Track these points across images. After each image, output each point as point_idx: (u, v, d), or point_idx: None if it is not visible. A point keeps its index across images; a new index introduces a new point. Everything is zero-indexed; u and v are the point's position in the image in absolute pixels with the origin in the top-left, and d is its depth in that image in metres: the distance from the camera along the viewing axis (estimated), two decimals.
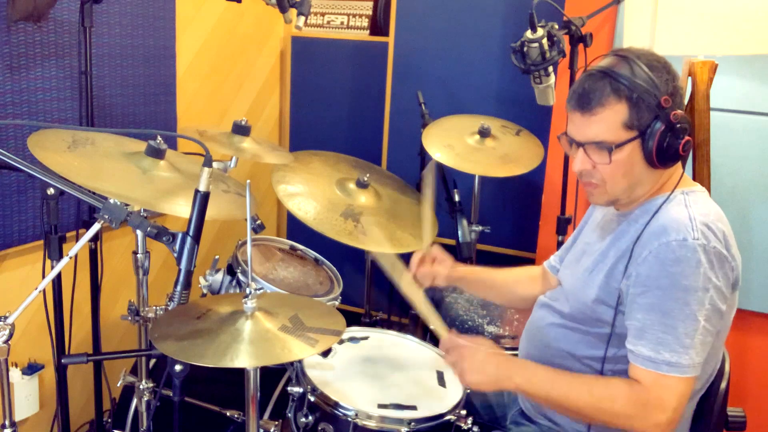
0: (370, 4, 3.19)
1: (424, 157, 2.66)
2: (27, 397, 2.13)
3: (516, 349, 1.69)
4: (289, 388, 1.61)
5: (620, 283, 1.38)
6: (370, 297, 2.58)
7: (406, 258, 1.84)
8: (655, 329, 1.31)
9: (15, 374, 2.08)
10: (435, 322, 1.60)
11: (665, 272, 1.30)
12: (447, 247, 2.52)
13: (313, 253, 2.34)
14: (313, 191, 2.19)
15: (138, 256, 1.74)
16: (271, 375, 1.98)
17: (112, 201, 1.25)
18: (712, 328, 1.32)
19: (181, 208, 1.42)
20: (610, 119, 1.34)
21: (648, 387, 1.31)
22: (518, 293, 1.81)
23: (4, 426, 1.35)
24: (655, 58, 1.36)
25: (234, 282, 2.00)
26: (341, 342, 1.81)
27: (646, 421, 1.30)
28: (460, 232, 2.31)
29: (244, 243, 2.08)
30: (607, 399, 1.34)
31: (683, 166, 1.44)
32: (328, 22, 3.24)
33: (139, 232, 1.71)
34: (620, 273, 1.38)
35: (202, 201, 1.27)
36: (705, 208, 1.37)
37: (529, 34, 1.99)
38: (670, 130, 1.33)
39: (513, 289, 1.82)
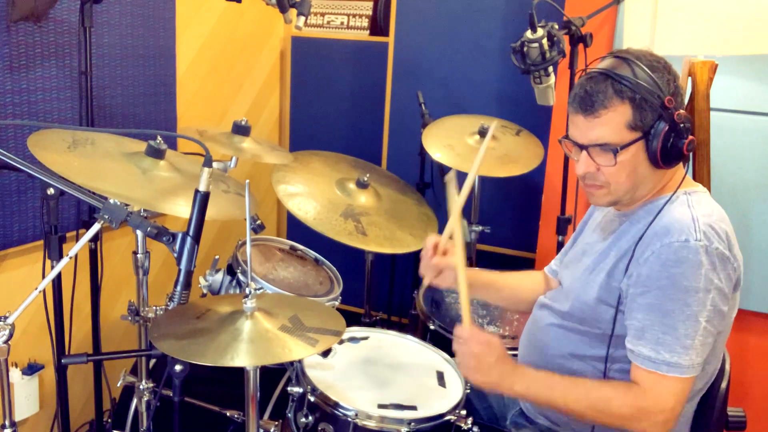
0: (370, 4, 3.19)
1: (424, 157, 2.66)
2: (27, 397, 2.13)
3: (516, 349, 1.69)
4: (289, 388, 1.61)
5: (621, 282, 1.38)
6: (370, 297, 2.58)
7: (405, 258, 1.84)
8: (655, 329, 1.31)
9: (15, 374, 2.08)
10: (466, 307, 1.48)
11: (666, 273, 1.30)
12: None
13: (313, 253, 2.34)
14: (313, 191, 2.19)
15: (138, 256, 1.74)
16: (271, 375, 1.98)
17: (112, 201, 1.25)
18: (713, 329, 1.33)
19: (181, 208, 1.42)
20: (614, 121, 1.33)
21: (646, 387, 1.32)
22: (523, 298, 1.80)
23: (4, 426, 1.35)
24: (656, 59, 1.36)
25: (234, 282, 2.00)
26: (341, 342, 1.81)
27: (643, 421, 1.32)
28: None
29: (244, 243, 2.08)
30: (603, 401, 1.35)
31: (685, 166, 1.44)
32: (328, 22, 3.24)
33: (139, 232, 1.71)
34: (621, 272, 1.38)
35: (202, 201, 1.27)
36: (708, 208, 1.37)
37: (529, 34, 1.99)
38: (674, 130, 1.32)
39: (518, 294, 1.81)
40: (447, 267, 1.62)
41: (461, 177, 1.58)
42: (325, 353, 1.73)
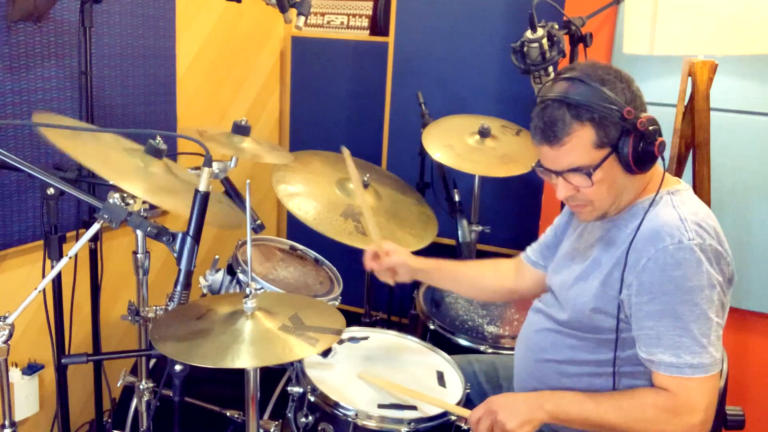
0: (370, 4, 3.19)
1: (424, 157, 2.66)
2: (27, 397, 2.13)
3: (515, 349, 1.69)
4: (289, 388, 1.61)
5: (619, 292, 1.37)
6: (370, 297, 2.58)
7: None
8: (671, 334, 1.31)
9: (15, 374, 2.08)
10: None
11: (668, 277, 1.30)
12: (447, 247, 2.53)
13: (313, 253, 2.34)
14: (313, 191, 2.19)
15: (138, 256, 1.74)
16: (271, 375, 1.98)
17: (112, 201, 1.26)
18: (722, 321, 1.34)
19: (182, 207, 1.41)
20: (580, 145, 1.33)
21: (675, 392, 1.32)
22: (485, 286, 1.79)
23: (4, 426, 1.35)
24: (605, 71, 1.35)
25: (234, 282, 2.00)
26: (341, 342, 1.81)
27: (678, 425, 1.31)
28: (460, 232, 2.31)
29: (244, 243, 2.08)
30: (636, 409, 1.35)
31: (663, 165, 1.42)
32: (328, 22, 3.24)
33: (139, 232, 1.71)
34: (617, 281, 1.38)
35: (202, 201, 1.27)
36: (693, 207, 1.38)
37: (529, 34, 1.99)
38: (641, 137, 1.32)
39: (479, 283, 1.80)
40: (397, 264, 1.75)
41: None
42: (325, 353, 1.73)
